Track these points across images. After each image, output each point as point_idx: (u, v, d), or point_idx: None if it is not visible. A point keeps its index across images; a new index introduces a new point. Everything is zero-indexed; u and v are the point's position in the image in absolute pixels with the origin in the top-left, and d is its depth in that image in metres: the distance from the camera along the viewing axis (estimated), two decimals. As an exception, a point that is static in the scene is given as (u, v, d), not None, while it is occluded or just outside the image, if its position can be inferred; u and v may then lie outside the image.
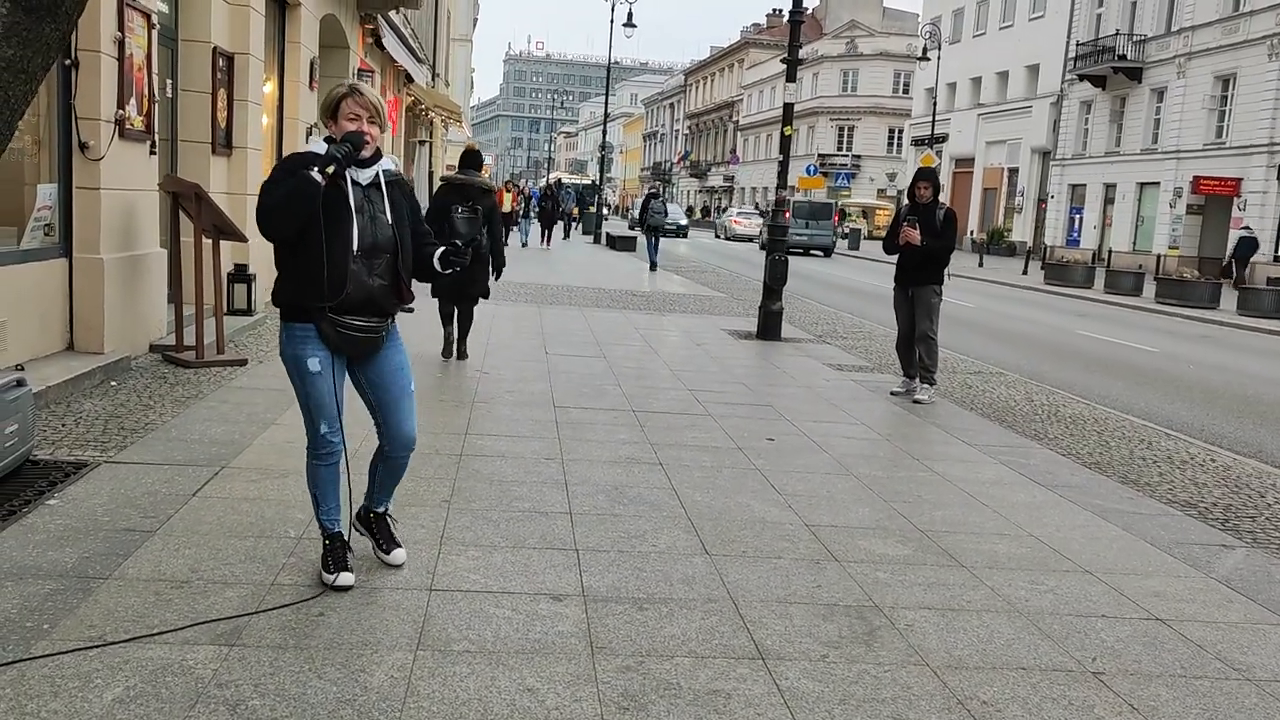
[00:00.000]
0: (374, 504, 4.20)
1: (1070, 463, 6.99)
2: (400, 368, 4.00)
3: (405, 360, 4.04)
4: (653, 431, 6.92)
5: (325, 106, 3.76)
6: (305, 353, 3.73)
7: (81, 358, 7.20)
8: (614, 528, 4.85)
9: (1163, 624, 4.19)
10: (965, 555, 4.85)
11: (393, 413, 4.00)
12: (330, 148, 3.61)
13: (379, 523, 4.20)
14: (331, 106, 3.73)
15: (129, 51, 7.55)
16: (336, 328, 3.72)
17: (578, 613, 3.84)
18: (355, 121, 3.69)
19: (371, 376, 3.95)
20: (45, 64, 3.44)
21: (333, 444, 3.85)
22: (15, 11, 3.22)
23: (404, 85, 24.44)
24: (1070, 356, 13.59)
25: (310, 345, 3.73)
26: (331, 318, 3.69)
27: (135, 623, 3.44)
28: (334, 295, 3.66)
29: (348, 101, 3.71)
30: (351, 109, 3.70)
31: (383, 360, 3.94)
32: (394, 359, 3.98)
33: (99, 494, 4.72)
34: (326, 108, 3.75)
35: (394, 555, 4.14)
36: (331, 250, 3.63)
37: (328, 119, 3.75)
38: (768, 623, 3.89)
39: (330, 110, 3.73)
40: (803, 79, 65.75)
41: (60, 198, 7.28)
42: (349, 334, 3.75)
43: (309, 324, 3.71)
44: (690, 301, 16.67)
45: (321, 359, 3.75)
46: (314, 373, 3.75)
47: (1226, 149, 32.72)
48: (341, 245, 3.65)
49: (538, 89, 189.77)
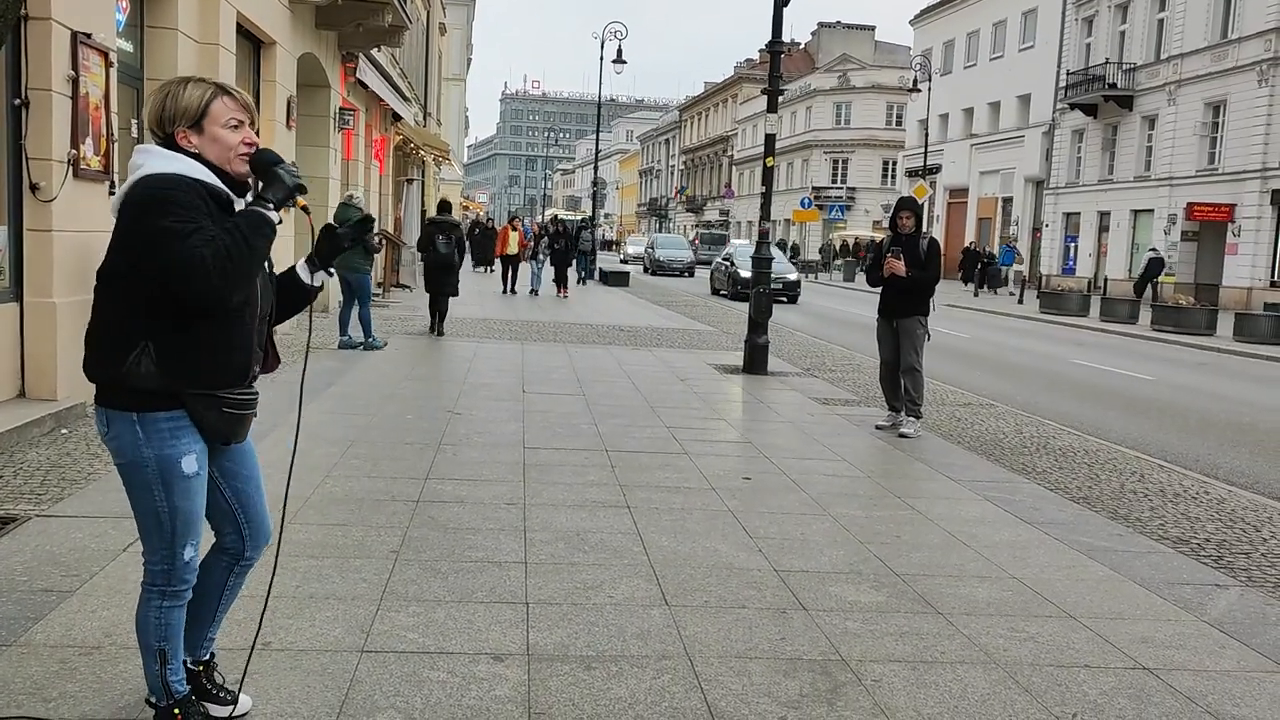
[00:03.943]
0: (200, 650, 3.09)
1: (1058, 498, 6.72)
2: (252, 445, 3.06)
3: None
4: (624, 472, 6.66)
5: (183, 111, 2.74)
6: (178, 451, 2.73)
7: (32, 405, 6.96)
8: (570, 578, 4.58)
9: (1150, 674, 3.91)
10: (942, 601, 4.58)
11: (255, 504, 3.05)
12: (285, 174, 2.79)
13: (208, 673, 3.12)
14: (195, 112, 2.75)
15: (84, 90, 7.38)
16: (222, 406, 2.78)
17: (519, 674, 3.57)
18: (239, 130, 2.80)
19: (230, 464, 2.98)
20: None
21: (195, 573, 2.92)
22: None
23: (391, 124, 24.39)
24: (1063, 386, 13.34)
25: (184, 440, 2.74)
26: (215, 395, 2.76)
27: (31, 695, 3.17)
28: (246, 373, 2.85)
29: (223, 102, 2.78)
30: (232, 113, 2.79)
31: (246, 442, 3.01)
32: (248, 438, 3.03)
33: (22, 551, 4.46)
34: (184, 113, 2.74)
35: (243, 703, 3.13)
36: (245, 312, 2.79)
37: (186, 127, 2.75)
38: (724, 681, 3.62)
39: (192, 116, 2.75)
40: (796, 112, 66.18)
41: (11, 240, 7.08)
42: (236, 412, 2.82)
43: (177, 410, 2.72)
44: (678, 336, 16.44)
45: (198, 454, 2.79)
46: (188, 475, 2.77)
47: (1219, 175, 32.61)
48: (251, 305, 2.82)
49: (534, 127, 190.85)
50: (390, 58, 22.91)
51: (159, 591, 2.84)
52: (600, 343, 14.69)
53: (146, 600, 2.85)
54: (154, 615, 2.84)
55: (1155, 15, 36.31)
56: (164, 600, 2.84)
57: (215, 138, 2.78)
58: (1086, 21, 40.40)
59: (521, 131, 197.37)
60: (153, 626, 2.84)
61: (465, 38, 54.39)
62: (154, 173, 2.68)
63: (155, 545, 2.82)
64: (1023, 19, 44.92)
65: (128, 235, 2.67)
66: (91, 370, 2.75)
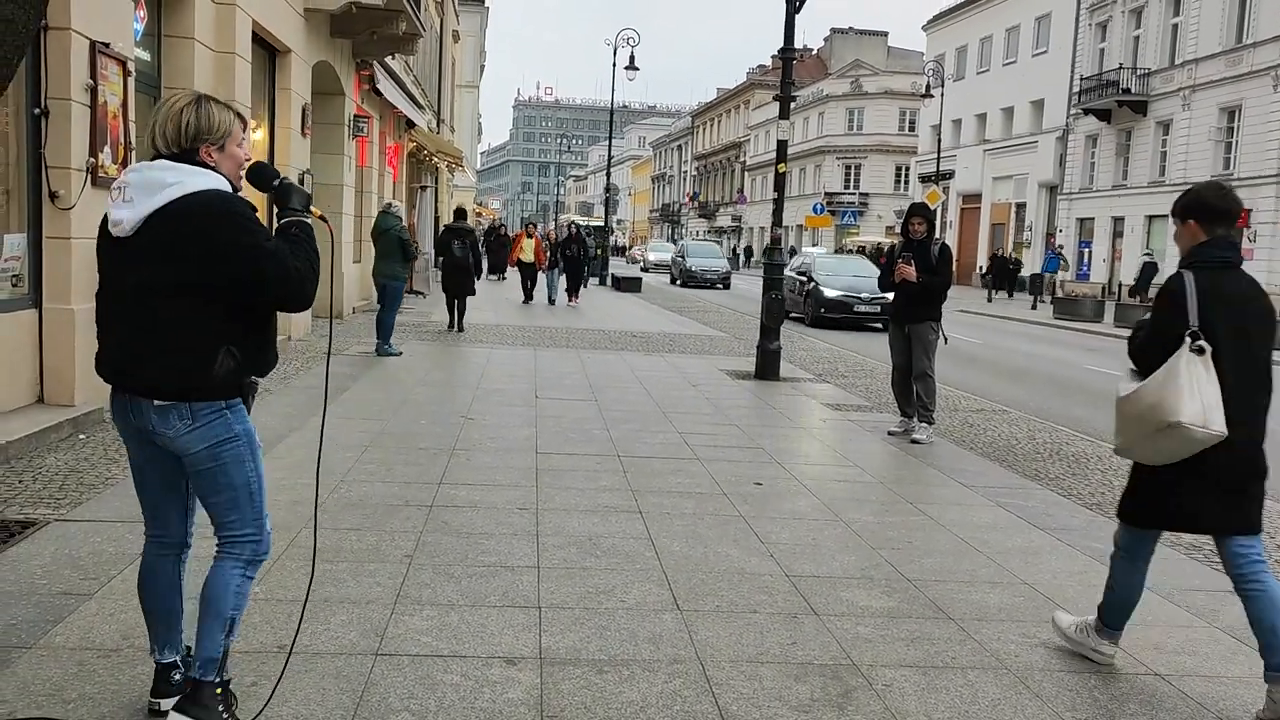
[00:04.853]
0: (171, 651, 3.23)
1: (1070, 504, 6.72)
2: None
3: None
4: (636, 477, 6.69)
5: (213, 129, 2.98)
6: (251, 426, 3.09)
7: (50, 410, 7.03)
8: (582, 582, 4.61)
9: (1161, 679, 3.92)
10: (953, 606, 4.59)
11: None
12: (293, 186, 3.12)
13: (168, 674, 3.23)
14: (225, 131, 3.02)
15: (103, 99, 7.46)
16: (255, 389, 3.15)
17: (531, 678, 3.60)
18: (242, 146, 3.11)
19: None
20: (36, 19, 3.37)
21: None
22: None
23: (405, 131, 24.50)
24: (1076, 392, 13.30)
25: (248, 417, 3.11)
26: (255, 380, 3.11)
27: (50, 696, 3.22)
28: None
29: (239, 121, 3.10)
30: (239, 138, 3.09)
31: None
32: None
33: (41, 555, 4.51)
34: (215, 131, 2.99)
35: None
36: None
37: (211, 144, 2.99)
38: (735, 685, 3.64)
39: (222, 135, 3.01)
40: (808, 118, 66.16)
41: (30, 247, 7.16)
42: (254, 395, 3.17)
43: (236, 395, 3.04)
44: (690, 342, 16.46)
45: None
46: (260, 444, 3.16)
47: (1234, 180, 32.46)
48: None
49: (547, 134, 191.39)
50: (404, 65, 23.03)
51: (245, 562, 3.06)
52: (612, 348, 14.72)
53: (229, 571, 3.04)
54: (235, 585, 3.04)
55: (1169, 20, 36.21)
56: (247, 570, 3.07)
57: (232, 155, 3.05)
58: (1100, 27, 40.31)
59: (534, 138, 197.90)
60: (233, 597, 3.03)
61: (478, 45, 54.58)
62: (202, 189, 2.88)
63: (247, 518, 3.06)
64: (1036, 24, 44.84)
65: (207, 250, 2.84)
66: (177, 379, 2.91)
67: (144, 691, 3.22)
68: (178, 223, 2.84)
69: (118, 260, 2.95)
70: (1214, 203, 3.83)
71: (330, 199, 15.70)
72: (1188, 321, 3.63)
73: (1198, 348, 3.59)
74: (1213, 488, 3.68)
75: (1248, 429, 3.66)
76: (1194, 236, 3.82)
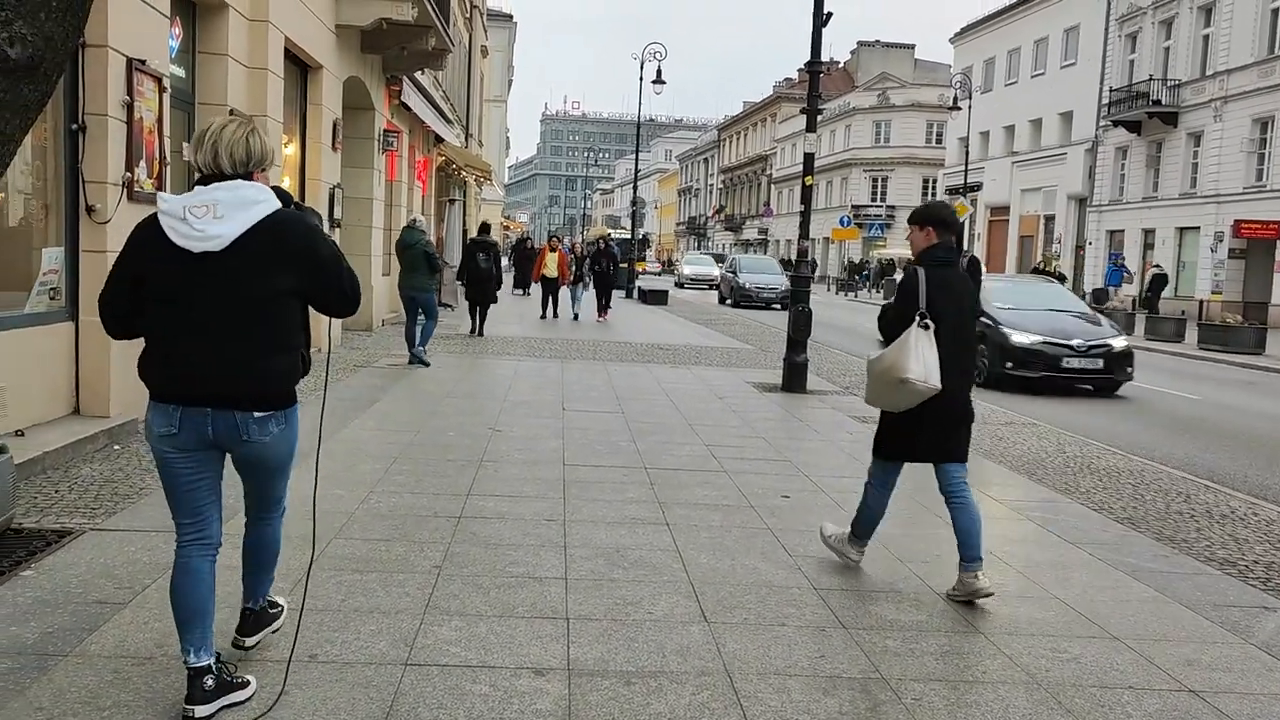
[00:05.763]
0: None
1: (1102, 518, 6.66)
2: None
3: None
4: (663, 489, 6.69)
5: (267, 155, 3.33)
6: None
7: (86, 421, 7.13)
8: (610, 594, 4.62)
9: (1196, 696, 3.87)
10: (983, 620, 4.56)
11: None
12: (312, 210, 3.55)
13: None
14: (271, 162, 3.41)
15: (138, 115, 7.58)
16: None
17: (559, 688, 3.61)
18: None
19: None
20: (24, 126, 3.36)
21: None
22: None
23: (434, 145, 24.69)
24: (1105, 404, 13.18)
25: None
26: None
27: (85, 704, 3.26)
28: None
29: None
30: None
31: None
32: None
33: (77, 564, 4.57)
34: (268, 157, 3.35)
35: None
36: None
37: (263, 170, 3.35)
38: (763, 698, 3.63)
39: (269, 164, 3.38)
40: (835, 131, 66.07)
41: (67, 261, 7.27)
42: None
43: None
44: (717, 354, 16.46)
45: None
46: None
47: (1267, 192, 32.12)
48: None
49: (574, 147, 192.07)
50: (433, 80, 23.22)
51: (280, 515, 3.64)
52: (639, 361, 14.74)
53: (274, 526, 3.63)
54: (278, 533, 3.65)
55: (1200, 31, 35.92)
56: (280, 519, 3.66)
57: (269, 179, 3.39)
58: (1130, 38, 40.04)
59: (561, 152, 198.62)
60: (279, 541, 3.67)
61: (506, 60, 54.99)
62: (280, 208, 3.21)
63: (287, 488, 3.58)
64: (1065, 36, 44.59)
65: (306, 261, 3.21)
66: (279, 382, 3.27)
67: (178, 699, 3.26)
68: (277, 236, 3.14)
69: (196, 274, 3.10)
70: (947, 217, 4.98)
71: (360, 213, 15.85)
72: (919, 305, 4.70)
73: (924, 324, 4.67)
74: (932, 427, 4.83)
75: (959, 384, 4.78)
76: (928, 240, 4.87)
